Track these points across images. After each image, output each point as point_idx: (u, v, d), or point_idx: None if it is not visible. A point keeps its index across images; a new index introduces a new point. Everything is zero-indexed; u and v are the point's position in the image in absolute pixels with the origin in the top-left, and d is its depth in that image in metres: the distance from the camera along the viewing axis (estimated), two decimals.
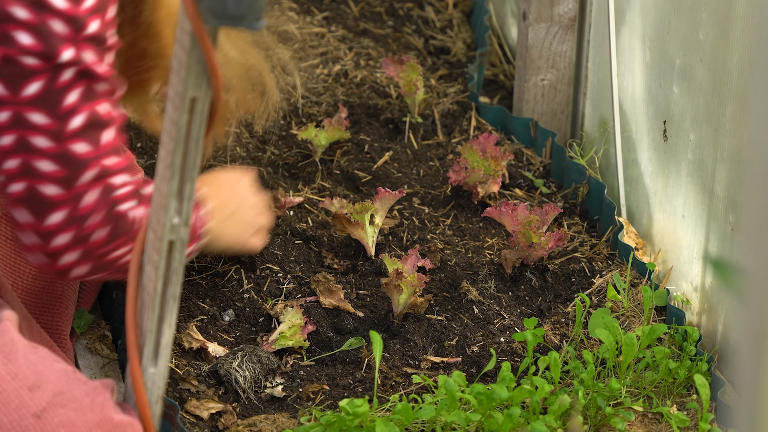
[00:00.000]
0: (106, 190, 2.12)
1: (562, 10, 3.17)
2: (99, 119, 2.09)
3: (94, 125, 2.09)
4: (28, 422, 1.99)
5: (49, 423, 1.99)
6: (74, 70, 2.05)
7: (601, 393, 2.43)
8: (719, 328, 2.63)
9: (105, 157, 2.11)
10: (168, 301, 2.02)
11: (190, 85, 1.86)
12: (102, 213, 2.12)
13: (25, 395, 2.01)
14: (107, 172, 2.12)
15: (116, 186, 2.13)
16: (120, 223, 2.15)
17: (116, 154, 2.13)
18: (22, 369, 2.04)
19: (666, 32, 2.77)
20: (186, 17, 1.81)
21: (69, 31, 2.02)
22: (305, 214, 2.91)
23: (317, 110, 3.22)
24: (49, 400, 2.01)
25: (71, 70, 2.04)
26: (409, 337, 2.62)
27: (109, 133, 2.11)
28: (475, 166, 2.95)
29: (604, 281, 2.75)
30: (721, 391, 2.47)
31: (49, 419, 2.00)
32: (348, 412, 2.28)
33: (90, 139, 2.08)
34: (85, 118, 2.07)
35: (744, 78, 2.48)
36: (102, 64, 2.07)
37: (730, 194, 2.56)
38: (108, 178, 2.12)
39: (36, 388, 2.02)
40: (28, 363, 2.05)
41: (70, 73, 2.05)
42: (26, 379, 2.03)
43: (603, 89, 3.12)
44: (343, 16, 3.59)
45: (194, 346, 2.55)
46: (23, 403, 2.01)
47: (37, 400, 2.01)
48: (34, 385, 2.02)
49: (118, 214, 2.14)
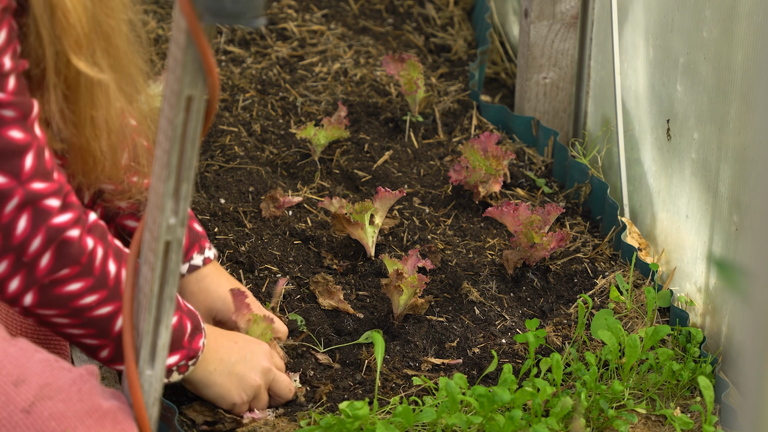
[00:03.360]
0: (39, 214, 2.03)
1: (564, 7, 3.17)
2: (12, 146, 2.01)
3: (9, 153, 2.00)
4: (18, 418, 1.98)
5: (38, 417, 1.98)
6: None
7: (603, 395, 2.43)
8: (723, 330, 2.62)
9: (30, 182, 2.02)
10: (165, 302, 2.00)
11: (186, 83, 1.84)
12: (41, 237, 2.04)
13: (10, 391, 2.00)
14: (36, 197, 2.02)
15: (52, 209, 2.04)
16: (66, 249, 2.06)
17: (43, 178, 2.03)
18: (5, 364, 2.02)
19: (669, 30, 2.77)
20: (182, 15, 1.79)
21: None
22: (304, 214, 2.90)
23: (316, 109, 3.21)
24: (36, 394, 1.99)
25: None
26: (410, 338, 2.61)
27: (30, 157, 2.02)
28: (476, 165, 2.94)
29: (606, 282, 2.75)
30: (726, 394, 2.46)
31: (39, 413, 1.98)
32: (348, 415, 2.28)
33: (6, 169, 2.00)
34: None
35: (748, 76, 2.47)
36: (1, 92, 1.98)
37: (735, 194, 2.55)
38: (38, 202, 2.03)
39: (21, 382, 2.00)
40: (10, 357, 2.03)
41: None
42: (10, 374, 2.01)
43: (606, 87, 3.11)
44: (343, 13, 3.58)
45: None
46: (10, 399, 1.99)
47: (23, 395, 1.99)
48: (18, 380, 2.00)
49: (62, 240, 2.05)
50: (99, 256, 2.10)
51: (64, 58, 2.07)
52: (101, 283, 2.11)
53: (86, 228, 2.09)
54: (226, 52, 3.41)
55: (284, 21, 3.51)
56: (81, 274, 2.08)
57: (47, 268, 2.05)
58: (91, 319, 2.12)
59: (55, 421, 1.98)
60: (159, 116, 1.90)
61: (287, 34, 3.47)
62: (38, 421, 1.98)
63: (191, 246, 2.47)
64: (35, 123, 2.04)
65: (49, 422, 1.98)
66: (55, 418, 1.98)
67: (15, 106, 2.00)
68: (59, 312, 2.10)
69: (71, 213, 2.06)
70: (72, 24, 2.04)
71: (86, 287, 2.09)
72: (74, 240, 2.06)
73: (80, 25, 2.05)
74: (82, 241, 2.07)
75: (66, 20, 2.04)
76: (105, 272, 2.11)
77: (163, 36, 3.40)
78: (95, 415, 2.00)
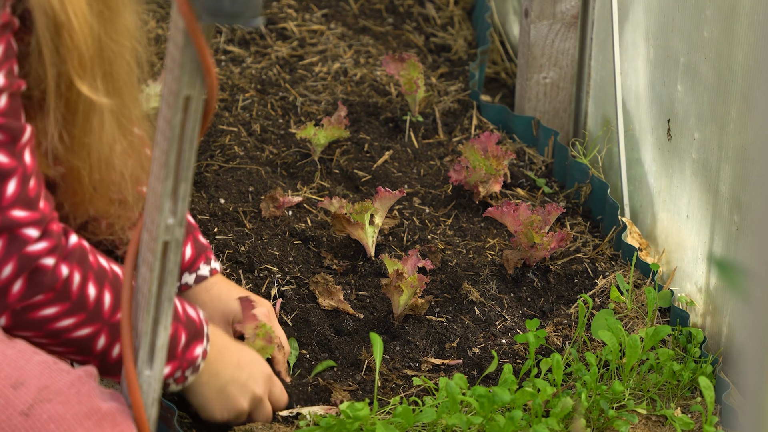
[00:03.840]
0: (13, 241, 1.99)
1: (564, 7, 3.16)
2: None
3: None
4: (17, 421, 1.97)
5: (38, 420, 1.97)
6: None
7: (604, 395, 2.42)
8: (724, 330, 2.61)
9: (10, 209, 1.99)
10: (163, 302, 2.00)
11: (184, 83, 1.83)
12: (11, 265, 2.00)
13: (9, 394, 1.99)
14: (14, 224, 1.99)
15: (29, 239, 2.00)
16: (38, 278, 2.02)
17: (25, 206, 2.00)
18: (3, 367, 2.01)
19: (670, 29, 2.76)
20: (180, 15, 1.78)
21: None
22: (304, 214, 2.90)
23: (316, 109, 3.21)
24: (35, 396, 1.99)
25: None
26: (410, 338, 2.61)
27: (12, 183, 1.99)
28: (477, 165, 2.93)
29: (607, 282, 2.74)
30: (726, 394, 2.46)
31: (38, 416, 1.98)
32: (348, 416, 2.28)
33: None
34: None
35: (749, 76, 2.47)
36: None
37: (735, 194, 2.55)
38: (16, 230, 1.99)
39: (19, 385, 2.00)
40: (8, 360, 2.03)
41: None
42: (8, 377, 2.00)
43: (606, 87, 3.11)
44: (343, 13, 3.58)
45: None
46: (9, 402, 1.98)
47: (22, 398, 1.99)
48: (17, 383, 2.00)
49: (35, 268, 2.01)
50: (76, 281, 2.06)
51: (66, 79, 2.04)
52: (79, 307, 2.07)
53: (63, 255, 2.05)
54: (226, 52, 3.40)
55: (284, 21, 3.50)
56: (56, 299, 2.05)
57: (19, 295, 2.02)
58: (70, 339, 2.10)
59: (54, 424, 1.97)
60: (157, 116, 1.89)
61: (287, 33, 3.47)
62: (37, 424, 1.97)
63: (197, 256, 2.45)
64: (26, 149, 2.01)
65: (48, 425, 1.97)
66: (54, 421, 1.98)
67: (3, 130, 1.98)
68: (36, 334, 2.08)
69: (47, 242, 2.02)
70: (77, 45, 2.01)
71: (62, 311, 2.06)
72: (48, 268, 2.02)
73: (85, 47, 2.02)
74: (56, 269, 2.03)
75: (71, 41, 2.01)
76: (83, 296, 2.07)
77: (162, 36, 3.40)
78: (94, 417, 1.99)
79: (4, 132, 1.98)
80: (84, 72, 2.04)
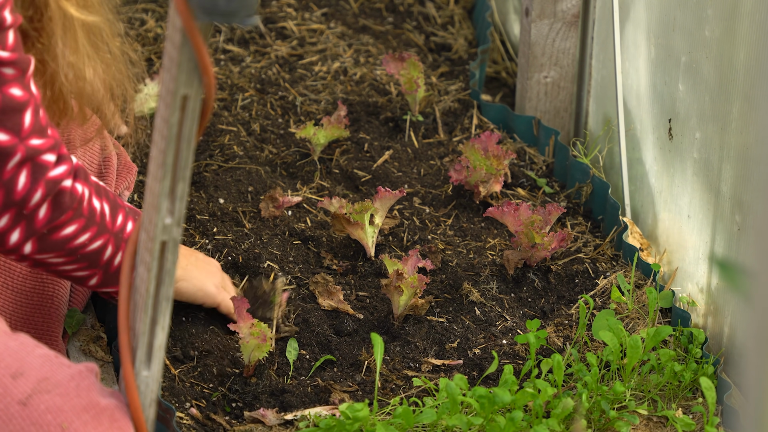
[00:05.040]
0: (37, 169, 2.12)
1: (565, 6, 3.16)
2: (14, 103, 2.09)
3: (10, 110, 2.09)
4: (14, 410, 1.97)
5: (35, 410, 1.97)
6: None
7: (605, 396, 2.42)
8: (725, 330, 2.61)
9: (29, 138, 2.11)
10: (161, 302, 1.99)
11: (182, 82, 1.83)
12: (40, 192, 2.14)
13: (8, 383, 1.99)
14: (35, 153, 2.11)
15: (49, 164, 2.14)
16: (61, 199, 2.16)
17: (40, 134, 2.12)
18: (4, 357, 2.02)
19: (671, 28, 2.76)
20: (177, 14, 1.78)
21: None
22: (304, 214, 2.89)
23: (316, 108, 3.20)
24: (34, 387, 1.99)
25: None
26: (410, 339, 2.60)
27: (28, 114, 2.11)
28: (477, 165, 2.93)
29: (608, 282, 2.74)
30: (728, 395, 2.46)
31: (35, 406, 1.98)
32: (348, 417, 2.27)
33: (8, 126, 2.09)
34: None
35: (751, 75, 2.47)
36: (2, 49, 2.06)
37: (737, 194, 2.54)
38: (37, 158, 2.12)
39: (19, 375, 2.00)
40: (10, 351, 2.03)
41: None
42: (8, 367, 2.01)
43: (607, 87, 3.10)
44: (343, 12, 3.57)
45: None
46: (7, 391, 1.99)
47: (21, 388, 1.99)
48: (17, 373, 2.00)
49: (58, 191, 2.16)
50: (86, 197, 2.22)
51: (54, 3, 2.19)
52: (91, 221, 2.23)
53: (75, 174, 2.19)
54: (225, 51, 3.40)
55: (283, 20, 3.50)
56: (74, 217, 2.20)
57: (46, 219, 2.16)
58: (84, 254, 2.25)
59: (52, 415, 1.97)
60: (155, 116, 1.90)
61: (286, 32, 3.46)
62: (34, 413, 1.97)
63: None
64: (31, 80, 2.12)
65: (46, 415, 1.97)
66: (51, 412, 1.97)
67: (15, 64, 2.08)
68: (56, 254, 2.22)
69: (65, 165, 2.16)
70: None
71: (79, 228, 2.22)
72: (67, 189, 2.17)
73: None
74: (73, 189, 2.18)
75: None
76: (92, 210, 2.23)
77: (161, 35, 3.39)
78: (92, 411, 1.99)
79: (15, 66, 2.08)
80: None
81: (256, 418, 2.41)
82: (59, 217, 2.17)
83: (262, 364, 2.53)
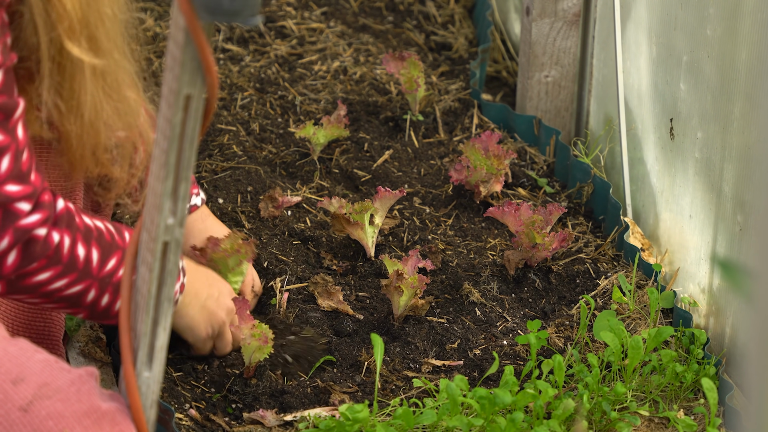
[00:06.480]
0: (8, 216, 2.06)
1: (566, 5, 3.15)
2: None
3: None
4: (15, 416, 1.97)
5: (36, 416, 1.97)
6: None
7: (606, 397, 2.42)
8: (727, 331, 2.61)
9: (4, 184, 2.04)
10: (162, 303, 1.98)
11: (185, 82, 1.82)
12: (7, 240, 2.06)
13: (9, 389, 1.99)
14: (7, 200, 2.05)
15: (21, 212, 2.07)
16: (32, 248, 2.09)
17: (19, 180, 2.06)
18: (4, 362, 2.02)
19: (672, 27, 2.75)
20: (180, 13, 1.77)
21: None
22: (303, 214, 2.89)
23: (315, 108, 3.20)
24: (35, 393, 1.99)
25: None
26: (410, 339, 2.60)
27: (6, 159, 2.04)
28: (477, 164, 2.92)
29: (609, 283, 2.74)
30: (729, 395, 2.46)
31: (36, 412, 1.97)
32: (348, 418, 2.27)
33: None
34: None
35: (753, 75, 2.47)
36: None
37: (739, 194, 2.54)
38: (9, 205, 2.05)
39: (20, 381, 2.00)
40: (9, 356, 2.03)
41: None
42: (9, 372, 2.01)
43: (608, 86, 3.10)
44: (342, 11, 3.56)
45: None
46: (8, 397, 1.98)
47: (21, 394, 1.99)
48: (17, 378, 2.00)
49: (29, 239, 2.09)
50: (67, 245, 2.15)
51: (57, 44, 2.11)
52: (70, 268, 2.16)
53: (53, 222, 2.13)
54: (225, 50, 3.39)
55: (283, 19, 3.49)
56: (49, 265, 2.14)
57: (14, 266, 2.10)
58: (62, 297, 2.19)
59: (53, 421, 1.97)
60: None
61: (286, 32, 3.45)
62: (35, 419, 1.97)
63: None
64: (18, 123, 2.06)
65: (47, 421, 1.97)
66: (52, 418, 1.97)
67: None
68: (29, 296, 2.17)
69: (40, 213, 2.09)
70: (67, 10, 2.08)
71: (55, 275, 2.15)
72: (40, 238, 2.11)
73: (74, 11, 2.10)
74: (48, 237, 2.12)
75: (61, 6, 2.08)
76: (74, 257, 2.16)
77: (160, 34, 3.38)
78: (93, 415, 1.99)
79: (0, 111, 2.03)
80: (74, 35, 2.12)
81: (255, 419, 2.41)
82: (29, 264, 2.10)
83: (262, 365, 2.53)
